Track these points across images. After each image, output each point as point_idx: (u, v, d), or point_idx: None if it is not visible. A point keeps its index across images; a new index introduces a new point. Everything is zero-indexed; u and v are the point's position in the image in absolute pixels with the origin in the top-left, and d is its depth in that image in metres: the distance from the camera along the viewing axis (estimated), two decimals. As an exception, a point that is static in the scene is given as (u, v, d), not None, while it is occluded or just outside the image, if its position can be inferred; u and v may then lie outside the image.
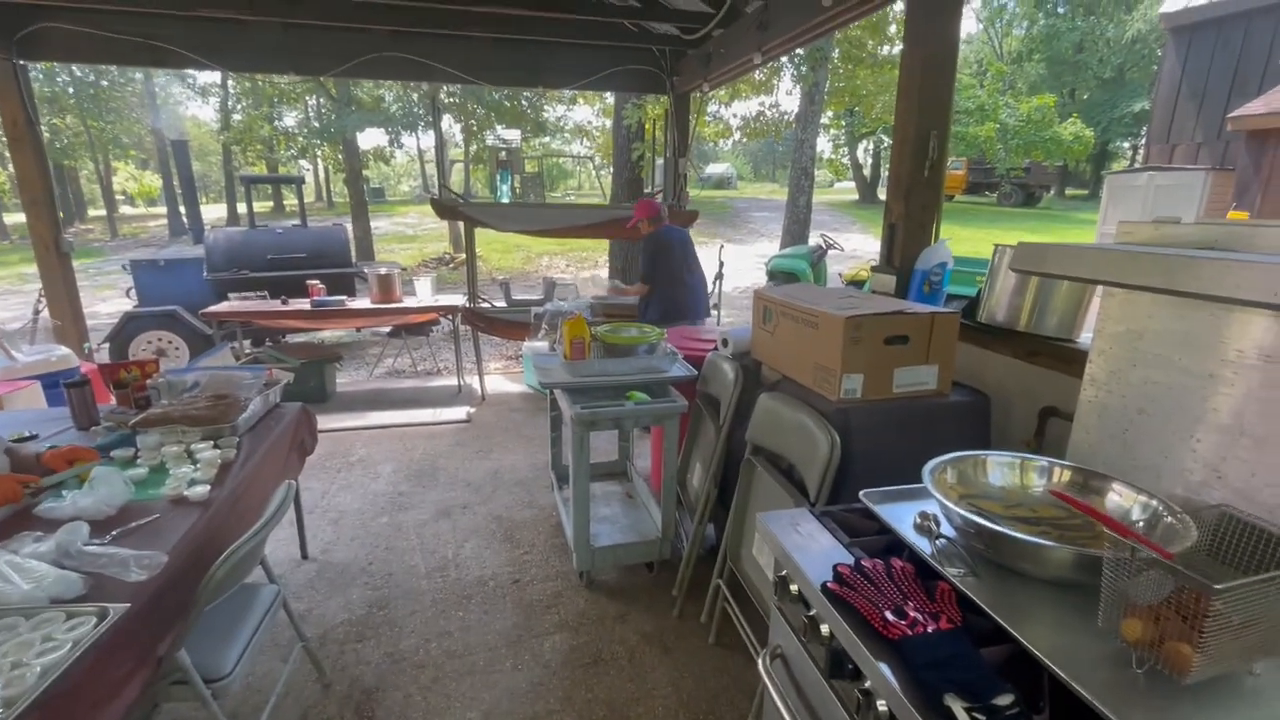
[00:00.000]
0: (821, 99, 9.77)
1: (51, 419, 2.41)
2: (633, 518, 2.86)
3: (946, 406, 1.90)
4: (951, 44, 2.40)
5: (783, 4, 3.44)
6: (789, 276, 7.89)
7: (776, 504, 1.93)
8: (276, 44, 4.70)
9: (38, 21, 4.16)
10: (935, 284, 2.49)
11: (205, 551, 1.65)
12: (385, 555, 2.84)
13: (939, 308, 1.92)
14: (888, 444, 1.84)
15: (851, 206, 22.44)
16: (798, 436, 1.83)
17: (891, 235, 2.60)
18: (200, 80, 17.20)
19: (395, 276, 4.85)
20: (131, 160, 25.56)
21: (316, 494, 3.40)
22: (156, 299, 5.70)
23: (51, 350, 4.18)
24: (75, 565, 1.45)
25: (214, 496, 1.83)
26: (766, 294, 2.26)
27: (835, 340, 1.82)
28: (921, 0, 2.38)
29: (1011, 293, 2.05)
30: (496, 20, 4.38)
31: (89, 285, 11.22)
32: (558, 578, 2.68)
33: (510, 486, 3.51)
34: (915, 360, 1.88)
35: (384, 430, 4.32)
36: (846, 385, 1.84)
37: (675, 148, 5.38)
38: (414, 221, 19.42)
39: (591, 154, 17.22)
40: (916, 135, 2.43)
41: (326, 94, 13.76)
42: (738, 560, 2.16)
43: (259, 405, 2.38)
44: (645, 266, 4.08)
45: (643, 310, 4.13)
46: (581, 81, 5.29)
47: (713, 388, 2.50)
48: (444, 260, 13.40)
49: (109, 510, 1.69)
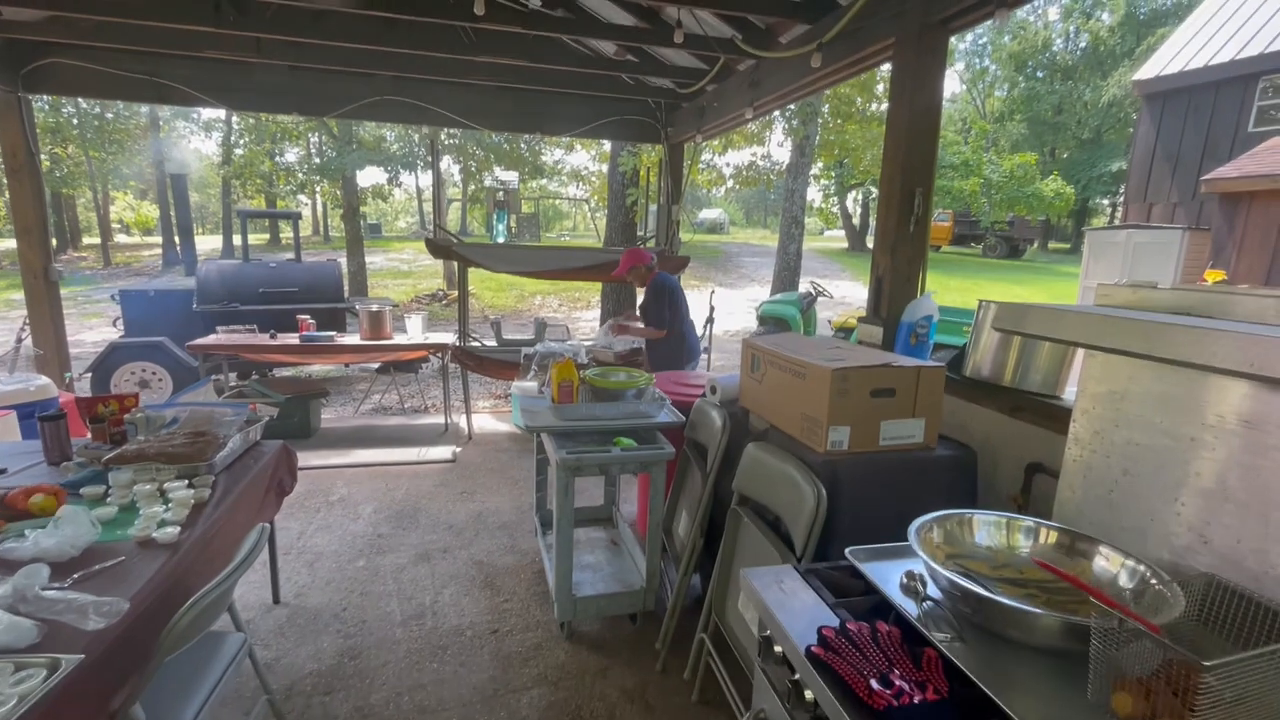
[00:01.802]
0: (812, 151, 10.07)
1: (23, 452, 2.35)
2: (617, 566, 2.80)
3: (933, 460, 1.89)
4: (935, 106, 2.49)
5: (773, 64, 3.57)
6: (779, 322, 7.98)
7: (762, 557, 1.89)
8: (282, 85, 4.81)
9: (45, 57, 4.24)
10: (922, 336, 2.52)
11: (171, 597, 1.59)
12: (360, 601, 2.75)
13: (925, 361, 1.93)
14: (874, 497, 1.83)
15: (841, 254, 22.89)
16: (784, 488, 1.81)
17: (879, 288, 2.64)
18: (204, 116, 17.50)
19: (386, 314, 4.85)
20: (130, 190, 25.76)
21: (293, 534, 3.31)
22: (144, 329, 5.66)
23: (30, 380, 4.11)
24: (31, 611, 1.38)
25: (184, 539, 1.77)
26: (755, 343, 2.28)
27: (823, 391, 1.82)
28: (906, 65, 2.48)
29: (996, 348, 2.07)
30: (497, 69, 4.52)
31: (76, 313, 11.14)
32: (538, 628, 2.60)
33: (493, 530, 3.44)
34: (902, 413, 1.89)
35: (367, 469, 4.25)
36: (833, 437, 1.84)
37: (668, 195, 5.49)
38: (409, 258, 19.57)
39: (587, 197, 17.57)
40: (903, 192, 2.50)
41: (329, 132, 14.03)
42: (723, 614, 2.11)
43: (238, 443, 2.34)
44: (662, 310, 3.95)
45: (656, 355, 4.02)
46: (579, 129, 5.43)
47: (700, 435, 2.49)
48: (437, 296, 13.46)
49: (73, 552, 1.63)
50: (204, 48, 4.02)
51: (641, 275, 4.14)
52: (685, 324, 4.18)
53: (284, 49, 4.16)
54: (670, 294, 4.08)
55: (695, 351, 4.26)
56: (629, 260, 4.10)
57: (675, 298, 4.10)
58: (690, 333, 4.25)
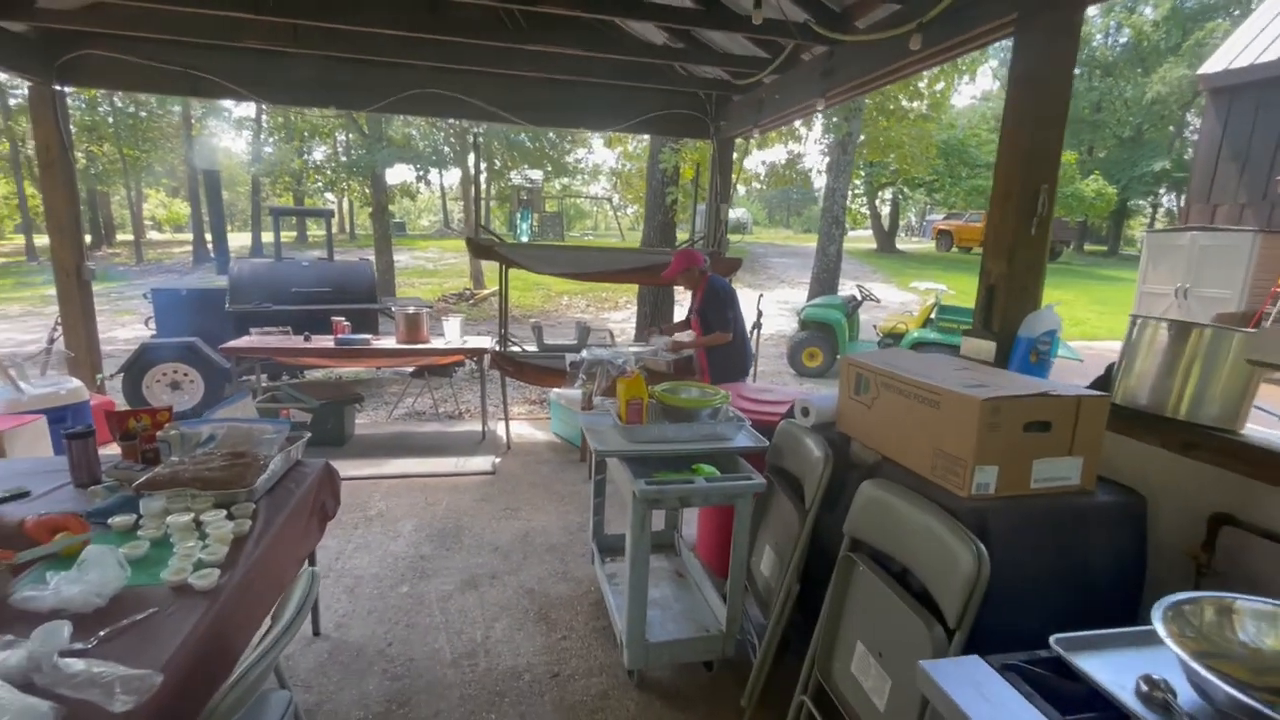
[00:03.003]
0: (854, 148, 9.71)
1: (49, 470, 2.15)
2: (686, 603, 2.53)
3: (1095, 508, 1.59)
4: (1064, 91, 2.18)
5: (851, 50, 3.27)
6: (823, 327, 7.64)
7: (884, 612, 1.61)
8: (317, 78, 4.62)
9: (80, 48, 4.09)
10: (1043, 354, 2.21)
11: (209, 661, 1.36)
12: (406, 634, 2.51)
13: (1086, 389, 1.64)
14: (1026, 552, 1.54)
15: (870, 255, 22.37)
16: (922, 542, 1.53)
17: (990, 298, 2.34)
18: (235, 113, 17.58)
19: (423, 316, 4.64)
20: (163, 188, 26.12)
21: (331, 554, 3.09)
22: (176, 329, 5.51)
23: (62, 383, 3.97)
24: (49, 684, 1.16)
25: (223, 583, 1.54)
26: (861, 361, 1.99)
27: (968, 424, 1.53)
28: (1031, 44, 2.18)
29: (1159, 373, 1.76)
30: (540, 59, 4.28)
31: (110, 310, 11.17)
32: (602, 672, 2.34)
33: (542, 553, 3.19)
34: (1057, 450, 1.59)
35: (404, 480, 4.03)
36: (979, 479, 1.55)
37: (718, 193, 5.21)
38: (434, 256, 19.50)
39: (609, 195, 17.32)
40: (1024, 189, 2.19)
41: (358, 129, 13.95)
42: (829, 674, 1.83)
43: (279, 464, 2.11)
44: (724, 313, 3.73)
45: (719, 363, 3.77)
46: (623, 124, 5.17)
47: (790, 463, 2.21)
48: (464, 296, 13.30)
49: (99, 602, 1.41)
50: (241, 37, 3.83)
51: (694, 278, 3.88)
52: (744, 328, 3.97)
53: (321, 38, 3.96)
54: (730, 296, 3.83)
55: (750, 359, 4.07)
56: (682, 262, 3.83)
57: (734, 300, 3.86)
58: (748, 339, 4.04)
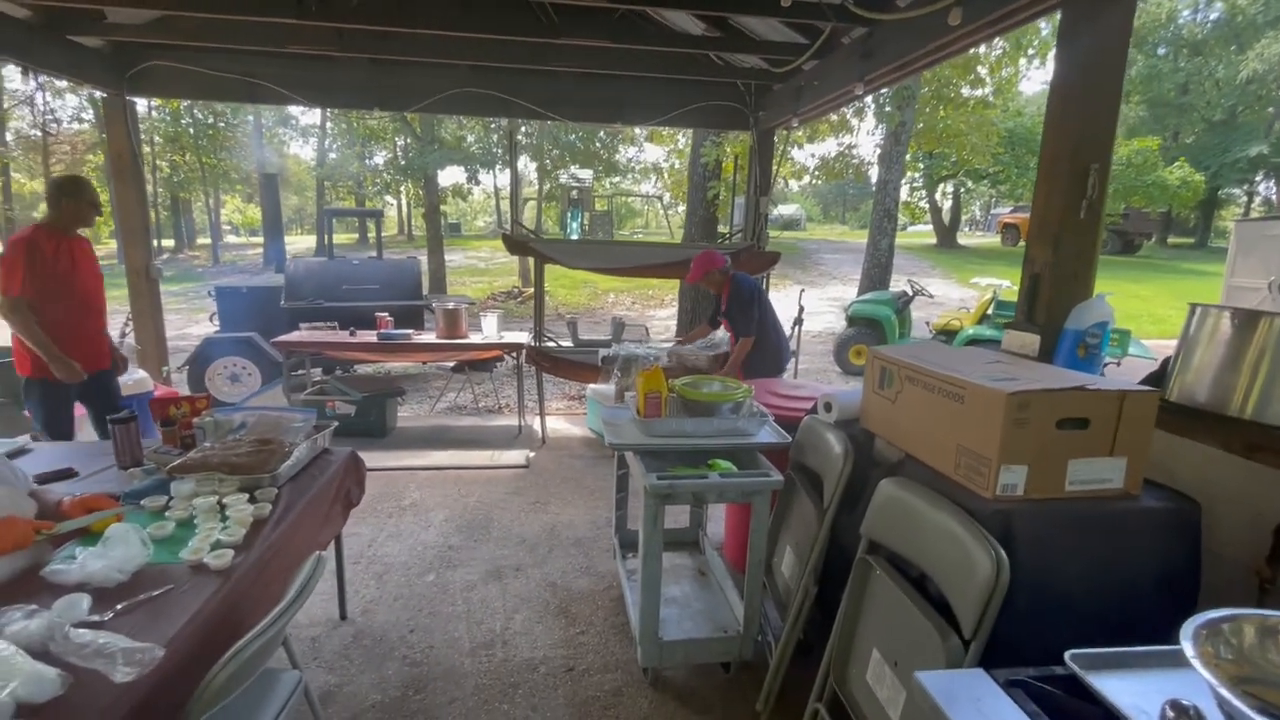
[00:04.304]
0: (907, 139, 9.33)
1: (97, 453, 2.28)
2: (706, 602, 2.47)
3: (1140, 514, 1.45)
4: (1118, 66, 2.01)
5: (890, 29, 3.12)
6: (871, 323, 7.39)
7: (900, 619, 1.51)
8: (363, 80, 4.78)
9: (148, 60, 4.36)
10: (1093, 347, 2.04)
11: (215, 638, 1.39)
12: (428, 622, 2.55)
13: (1131, 384, 1.49)
14: (1060, 560, 1.41)
15: (929, 251, 21.51)
16: (940, 544, 1.43)
17: (1034, 287, 2.18)
18: (302, 121, 18.51)
19: (462, 312, 4.73)
20: (238, 193, 27.75)
21: (364, 541, 3.18)
22: (237, 325, 5.83)
23: (130, 373, 4.23)
24: (60, 653, 1.21)
25: (238, 563, 1.59)
26: (886, 354, 1.89)
27: (993, 420, 1.42)
28: (1080, 15, 2.01)
29: (1220, 367, 1.59)
30: (578, 53, 4.27)
31: (186, 309, 11.94)
32: (618, 668, 2.31)
33: (567, 547, 3.19)
34: (1096, 450, 1.46)
35: (440, 472, 4.11)
36: (1005, 479, 1.43)
37: (757, 185, 5.09)
38: (486, 256, 19.96)
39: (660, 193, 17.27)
40: (1072, 170, 2.03)
41: (413, 133, 14.41)
42: (844, 681, 1.74)
43: (304, 451, 2.18)
44: (747, 313, 3.68)
45: (752, 360, 3.71)
46: (662, 117, 5.12)
47: (811, 460, 2.12)
48: (512, 294, 13.55)
49: (120, 577, 1.48)
50: (288, 42, 3.99)
51: (717, 280, 3.84)
52: (775, 328, 3.88)
53: (365, 40, 4.08)
54: (758, 295, 3.77)
55: (787, 355, 3.95)
56: (701, 266, 3.79)
57: (762, 300, 3.79)
58: (782, 334, 3.93)
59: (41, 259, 2.82)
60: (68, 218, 2.95)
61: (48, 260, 2.85)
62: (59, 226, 2.93)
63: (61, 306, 2.91)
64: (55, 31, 3.82)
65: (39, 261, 2.82)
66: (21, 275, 2.77)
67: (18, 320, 2.80)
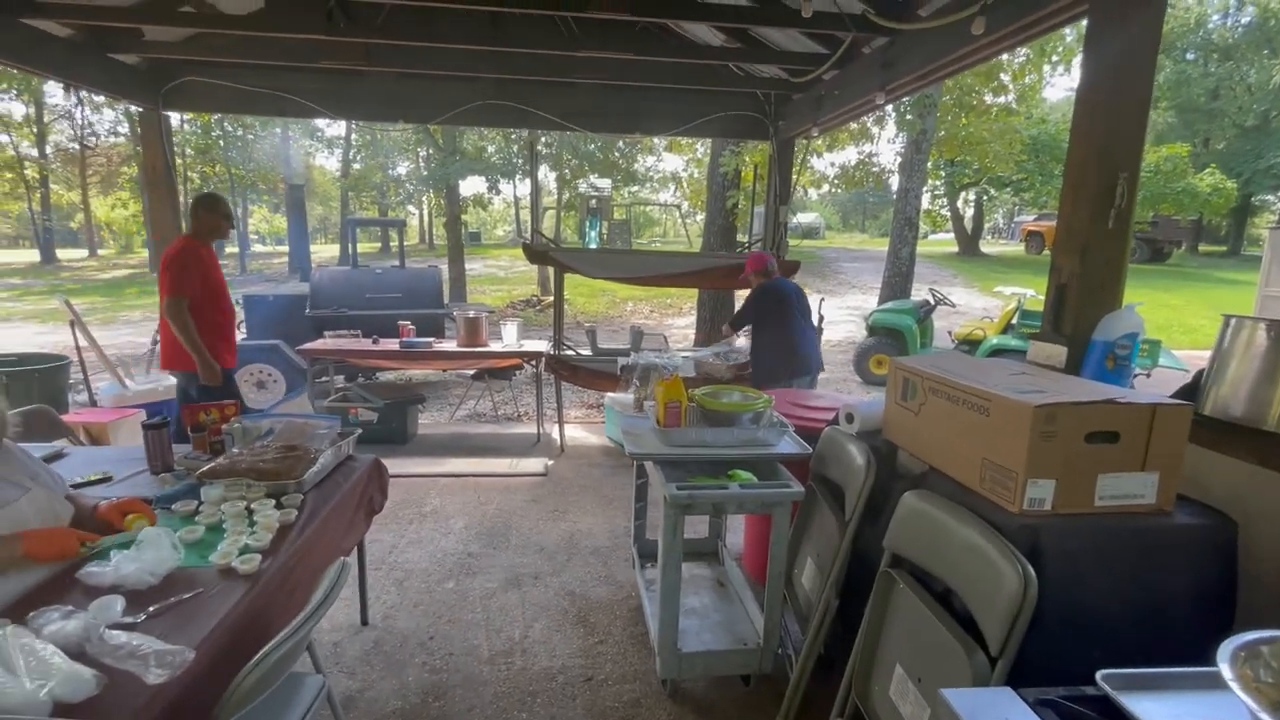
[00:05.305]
0: (929, 146, 9.26)
1: (130, 459, 2.34)
2: (725, 613, 2.45)
3: (1173, 531, 1.42)
4: (1147, 71, 1.98)
5: (911, 39, 3.11)
6: (892, 332, 7.31)
7: (924, 634, 1.49)
8: (390, 94, 4.88)
9: (182, 76, 4.50)
10: (1122, 359, 2.00)
11: (244, 641, 1.42)
12: (448, 629, 2.57)
13: (1163, 397, 1.46)
14: (1089, 576, 1.38)
15: (951, 259, 21.25)
16: (965, 559, 1.40)
17: (1060, 297, 2.14)
18: (328, 133, 18.89)
19: (482, 320, 4.78)
20: (265, 204, 28.39)
21: (385, 547, 3.22)
22: (263, 333, 5.94)
23: (161, 380, 4.35)
24: (96, 653, 1.25)
25: (265, 568, 1.62)
26: (909, 365, 1.87)
27: (1019, 433, 1.40)
28: (1108, 21, 1.99)
29: (1257, 380, 1.55)
30: (597, 65, 4.32)
31: (214, 315, 12.20)
32: (636, 679, 2.30)
33: (586, 556, 3.19)
34: (1127, 465, 1.43)
35: (459, 479, 4.15)
36: (1032, 493, 1.41)
37: (777, 195, 5.09)
38: (506, 264, 20.15)
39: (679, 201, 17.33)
40: (1099, 179, 2.00)
41: (435, 144, 14.64)
42: (866, 697, 1.71)
43: (329, 458, 2.21)
44: (744, 312, 4.01)
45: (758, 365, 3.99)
46: (682, 128, 5.15)
47: (833, 471, 2.10)
48: (531, 303, 13.64)
49: (152, 580, 1.51)
50: (318, 58, 4.09)
51: (753, 282, 4.04)
52: (793, 331, 3.89)
53: (392, 55, 4.17)
54: (758, 298, 3.94)
55: (809, 364, 3.92)
56: (758, 263, 4.05)
57: (763, 302, 3.92)
58: (802, 342, 3.91)
59: (200, 265, 3.13)
60: (205, 229, 3.24)
61: (205, 266, 3.16)
62: (198, 238, 3.24)
63: (211, 309, 3.21)
64: (96, 50, 3.96)
65: (201, 267, 3.14)
66: (193, 278, 3.08)
67: (181, 321, 3.05)
